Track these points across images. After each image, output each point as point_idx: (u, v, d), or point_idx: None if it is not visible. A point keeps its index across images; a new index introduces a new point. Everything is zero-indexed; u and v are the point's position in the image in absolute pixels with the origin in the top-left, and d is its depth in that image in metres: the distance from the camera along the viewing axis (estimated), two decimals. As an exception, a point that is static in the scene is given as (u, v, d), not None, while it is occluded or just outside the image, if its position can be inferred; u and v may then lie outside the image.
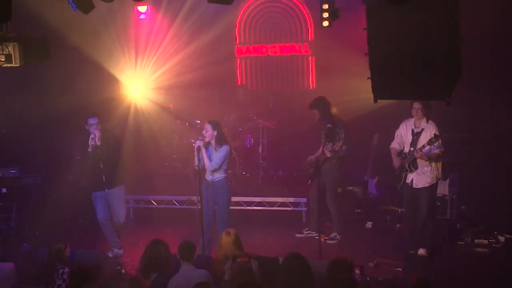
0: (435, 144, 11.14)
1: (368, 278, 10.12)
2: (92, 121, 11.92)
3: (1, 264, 9.35)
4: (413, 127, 11.56)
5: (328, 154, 12.45)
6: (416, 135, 11.45)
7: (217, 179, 11.68)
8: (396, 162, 11.84)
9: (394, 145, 11.96)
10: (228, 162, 11.90)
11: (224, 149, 11.63)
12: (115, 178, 12.22)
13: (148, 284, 8.68)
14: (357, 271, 10.21)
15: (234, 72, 17.75)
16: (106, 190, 12.17)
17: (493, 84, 13.36)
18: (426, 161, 11.32)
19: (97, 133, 11.85)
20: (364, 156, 14.32)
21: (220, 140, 11.63)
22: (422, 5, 6.77)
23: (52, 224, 13.41)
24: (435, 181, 11.62)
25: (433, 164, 11.46)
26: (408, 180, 11.63)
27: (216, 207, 11.82)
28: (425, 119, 11.46)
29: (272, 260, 9.37)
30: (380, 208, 14.12)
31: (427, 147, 11.21)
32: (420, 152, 11.27)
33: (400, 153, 11.78)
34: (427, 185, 11.53)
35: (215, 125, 11.63)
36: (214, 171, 11.60)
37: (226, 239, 9.37)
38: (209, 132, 11.54)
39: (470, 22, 8.02)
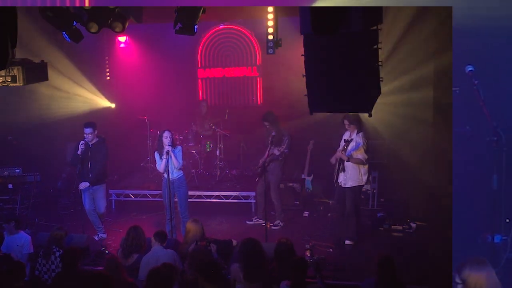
0: (346, 147, 11.27)
1: (316, 259, 10.17)
2: (86, 130, 11.78)
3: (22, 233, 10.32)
4: (347, 137, 11.54)
5: (277, 153, 12.46)
6: (346, 143, 11.46)
7: (177, 177, 11.78)
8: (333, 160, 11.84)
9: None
10: (192, 162, 11.85)
11: (180, 148, 11.90)
12: (99, 177, 12.07)
13: (130, 262, 8.93)
14: (307, 253, 10.26)
15: (196, 90, 17.74)
16: (91, 186, 12.02)
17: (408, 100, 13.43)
18: (347, 161, 11.31)
19: (84, 141, 11.74)
20: (301, 159, 14.31)
21: (174, 143, 11.83)
22: (348, 35, 6.77)
23: (48, 214, 13.89)
24: (357, 184, 11.53)
25: (358, 170, 11.45)
26: (339, 180, 11.64)
27: (176, 200, 11.93)
28: (356, 131, 11.48)
29: (227, 243, 9.41)
30: (314, 200, 14.21)
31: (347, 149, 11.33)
32: (342, 151, 11.33)
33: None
34: (351, 186, 11.50)
35: (171, 132, 11.76)
36: (179, 169, 11.71)
37: (193, 226, 9.45)
38: (170, 138, 11.58)
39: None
